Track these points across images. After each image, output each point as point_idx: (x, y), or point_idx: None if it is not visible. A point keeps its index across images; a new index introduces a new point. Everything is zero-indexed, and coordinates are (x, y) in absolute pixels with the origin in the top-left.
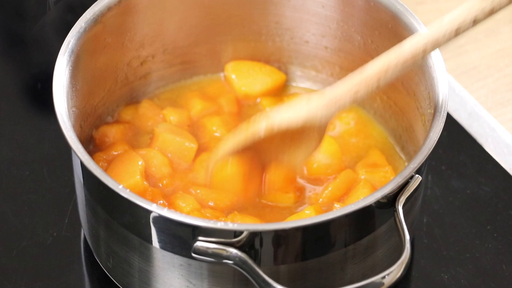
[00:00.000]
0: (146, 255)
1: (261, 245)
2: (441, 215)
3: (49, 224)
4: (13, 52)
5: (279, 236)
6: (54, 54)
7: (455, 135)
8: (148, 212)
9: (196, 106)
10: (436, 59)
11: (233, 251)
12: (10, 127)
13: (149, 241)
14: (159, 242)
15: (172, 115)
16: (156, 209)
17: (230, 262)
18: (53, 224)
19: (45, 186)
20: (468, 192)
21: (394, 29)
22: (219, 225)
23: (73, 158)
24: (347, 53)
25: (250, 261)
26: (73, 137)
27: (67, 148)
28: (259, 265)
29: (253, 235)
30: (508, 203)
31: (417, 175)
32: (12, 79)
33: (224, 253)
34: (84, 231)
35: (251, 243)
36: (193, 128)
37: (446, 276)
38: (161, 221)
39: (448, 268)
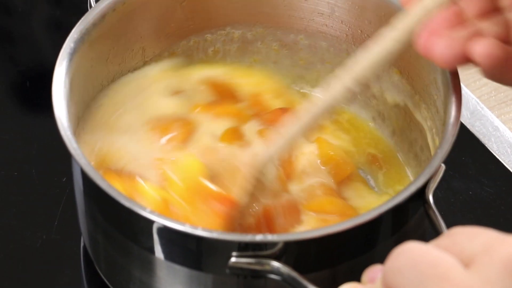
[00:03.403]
0: (170, 275)
1: (298, 253)
2: (442, 217)
3: (37, 227)
4: (0, 49)
5: (317, 243)
6: (43, 51)
7: (457, 134)
8: (177, 232)
9: None
10: None
11: (275, 264)
12: None
13: (172, 259)
14: (183, 261)
15: None
16: (190, 229)
17: (276, 276)
18: (42, 226)
19: (34, 187)
20: (471, 193)
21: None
22: (258, 238)
23: (73, 166)
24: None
25: (294, 273)
26: (73, 144)
27: (58, 149)
28: (301, 274)
29: (289, 245)
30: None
31: (441, 164)
32: (0, 77)
33: (268, 267)
34: (83, 239)
35: (288, 253)
36: None
37: None
38: (190, 239)
39: None
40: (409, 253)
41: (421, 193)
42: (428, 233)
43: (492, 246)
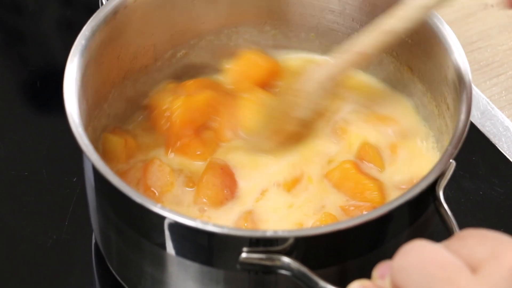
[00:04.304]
0: (182, 271)
1: (308, 249)
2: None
3: (48, 227)
4: (11, 49)
5: (328, 239)
6: (53, 51)
7: (467, 134)
8: (188, 227)
9: None
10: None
11: (286, 260)
12: (9, 125)
13: (184, 255)
14: (195, 257)
15: None
16: (201, 224)
17: (286, 272)
18: (52, 226)
19: (44, 187)
20: (481, 193)
21: None
22: (269, 234)
23: (84, 162)
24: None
25: (304, 269)
26: (85, 140)
27: (68, 148)
28: (311, 270)
29: (300, 240)
30: None
31: (452, 161)
32: (10, 77)
33: (278, 263)
34: (95, 236)
35: (298, 249)
36: None
37: None
38: (201, 235)
39: None
40: (417, 252)
41: (431, 189)
42: (438, 230)
43: (500, 252)
